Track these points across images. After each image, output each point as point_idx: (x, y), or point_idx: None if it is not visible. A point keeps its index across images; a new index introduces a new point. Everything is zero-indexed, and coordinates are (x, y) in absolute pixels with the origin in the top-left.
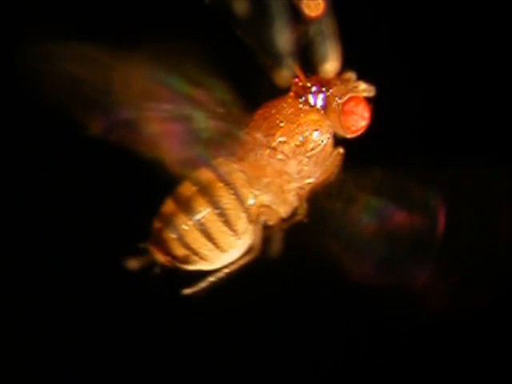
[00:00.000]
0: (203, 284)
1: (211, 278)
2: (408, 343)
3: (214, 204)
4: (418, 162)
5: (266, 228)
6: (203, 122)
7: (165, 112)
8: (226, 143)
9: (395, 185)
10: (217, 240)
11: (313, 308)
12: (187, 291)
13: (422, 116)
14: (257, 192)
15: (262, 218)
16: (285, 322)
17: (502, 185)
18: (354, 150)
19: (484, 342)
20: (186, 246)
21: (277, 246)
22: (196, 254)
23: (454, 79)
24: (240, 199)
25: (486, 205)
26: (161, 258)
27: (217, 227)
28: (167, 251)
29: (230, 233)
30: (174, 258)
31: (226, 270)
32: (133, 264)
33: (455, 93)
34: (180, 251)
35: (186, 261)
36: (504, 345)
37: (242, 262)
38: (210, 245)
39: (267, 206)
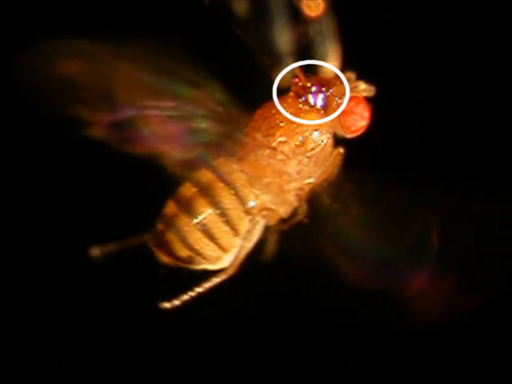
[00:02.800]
0: (179, 300)
1: (189, 293)
2: (405, 346)
3: (215, 204)
4: (417, 163)
5: (264, 229)
6: (203, 122)
7: (165, 113)
8: (225, 144)
9: (393, 187)
10: (219, 240)
11: (309, 309)
12: (165, 305)
13: (421, 115)
14: (258, 192)
15: (264, 217)
16: (281, 324)
17: (500, 190)
18: (353, 151)
19: (481, 346)
20: (189, 247)
21: (271, 249)
22: (199, 254)
23: (456, 80)
24: (241, 199)
25: (485, 206)
26: (164, 259)
27: (219, 227)
28: (170, 253)
29: (232, 233)
30: (178, 259)
31: (200, 289)
32: (96, 252)
33: (456, 93)
34: (183, 252)
35: (189, 261)
36: (503, 347)
37: (216, 281)
38: (212, 245)
39: (268, 206)
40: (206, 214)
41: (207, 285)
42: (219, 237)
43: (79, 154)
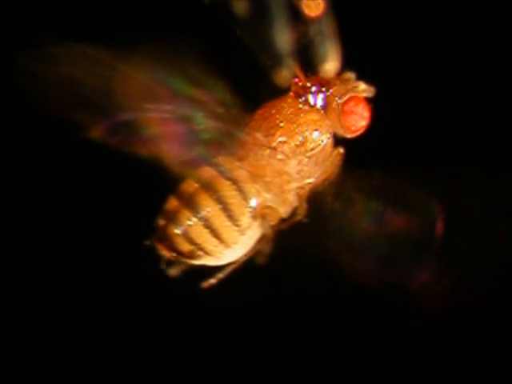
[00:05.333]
0: (221, 275)
1: (229, 267)
2: (407, 343)
3: (218, 199)
4: (418, 163)
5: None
6: (203, 122)
7: (165, 113)
8: (226, 143)
9: (394, 186)
10: (221, 235)
11: (312, 307)
12: (207, 283)
13: (421, 116)
14: (260, 188)
15: (267, 214)
16: (284, 322)
17: (501, 187)
18: (353, 151)
19: (483, 342)
20: (191, 242)
21: (265, 251)
22: (201, 249)
23: (455, 80)
24: (243, 194)
25: (485, 204)
26: (166, 254)
27: (220, 222)
28: (172, 247)
29: (234, 228)
30: (179, 253)
31: (244, 258)
32: (174, 272)
33: (456, 93)
34: (185, 247)
35: (190, 256)
36: (503, 345)
37: (258, 246)
38: (214, 240)
39: (269, 204)
40: (208, 208)
41: (249, 254)
42: (221, 232)
43: (80, 156)
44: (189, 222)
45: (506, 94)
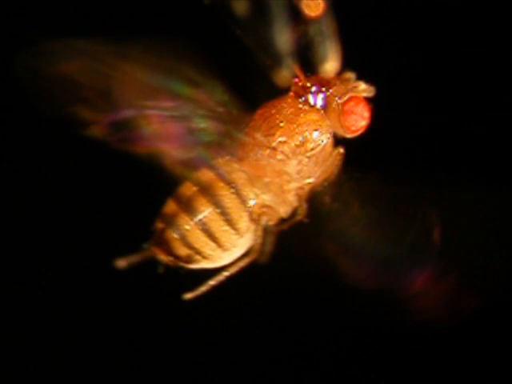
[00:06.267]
0: (204, 288)
1: (211, 282)
2: (406, 345)
3: (216, 203)
4: (417, 163)
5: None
6: (203, 122)
7: (164, 112)
8: (225, 144)
9: (393, 187)
10: (219, 239)
11: (310, 307)
12: (188, 296)
13: (421, 115)
14: (258, 191)
15: (264, 218)
16: (281, 324)
17: (499, 191)
18: (353, 151)
19: (483, 344)
20: (189, 246)
21: (267, 250)
22: (198, 253)
23: (456, 81)
24: (241, 198)
25: (484, 208)
26: (163, 258)
27: (219, 226)
28: (170, 251)
29: (232, 232)
30: (177, 257)
31: (226, 273)
32: (122, 263)
33: (456, 94)
34: (182, 251)
35: (188, 260)
36: (502, 347)
37: (242, 265)
38: (212, 244)
39: (268, 206)
40: (206, 212)
41: (232, 270)
42: (219, 236)
43: (79, 154)
44: (187, 227)
45: (506, 95)
